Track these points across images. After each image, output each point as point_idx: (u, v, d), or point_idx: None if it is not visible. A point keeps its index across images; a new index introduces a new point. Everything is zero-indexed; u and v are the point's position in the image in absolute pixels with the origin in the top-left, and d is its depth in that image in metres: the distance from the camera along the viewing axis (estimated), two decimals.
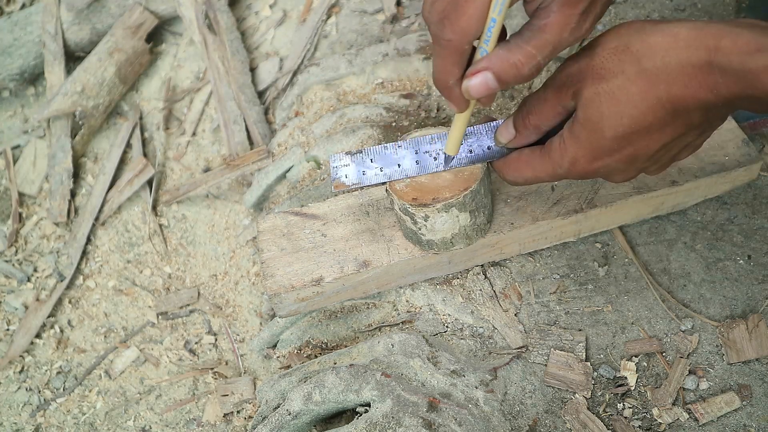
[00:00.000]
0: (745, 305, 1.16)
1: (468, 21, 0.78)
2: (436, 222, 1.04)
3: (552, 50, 0.80)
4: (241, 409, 1.30)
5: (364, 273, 1.13)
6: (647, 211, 1.21)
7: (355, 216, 1.18)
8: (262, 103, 1.63)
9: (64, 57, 1.71)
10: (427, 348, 1.12)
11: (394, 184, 1.05)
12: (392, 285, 1.18)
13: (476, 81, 0.82)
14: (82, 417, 1.37)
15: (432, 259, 1.13)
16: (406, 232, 1.11)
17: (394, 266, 1.13)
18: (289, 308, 1.16)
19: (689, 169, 1.19)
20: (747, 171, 1.21)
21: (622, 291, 1.19)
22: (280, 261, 1.15)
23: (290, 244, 1.16)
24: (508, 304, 1.18)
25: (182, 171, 1.63)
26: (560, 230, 1.18)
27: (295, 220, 1.19)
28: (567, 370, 1.11)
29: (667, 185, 1.17)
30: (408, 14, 1.60)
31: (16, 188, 1.65)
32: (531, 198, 1.17)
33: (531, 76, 0.82)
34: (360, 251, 1.14)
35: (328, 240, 1.16)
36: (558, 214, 1.15)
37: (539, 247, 1.21)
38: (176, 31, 1.83)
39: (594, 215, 1.17)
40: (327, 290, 1.14)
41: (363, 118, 1.41)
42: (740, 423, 1.06)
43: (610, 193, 1.17)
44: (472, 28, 0.79)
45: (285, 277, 1.13)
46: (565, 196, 1.17)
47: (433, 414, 1.03)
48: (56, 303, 1.49)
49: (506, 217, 1.15)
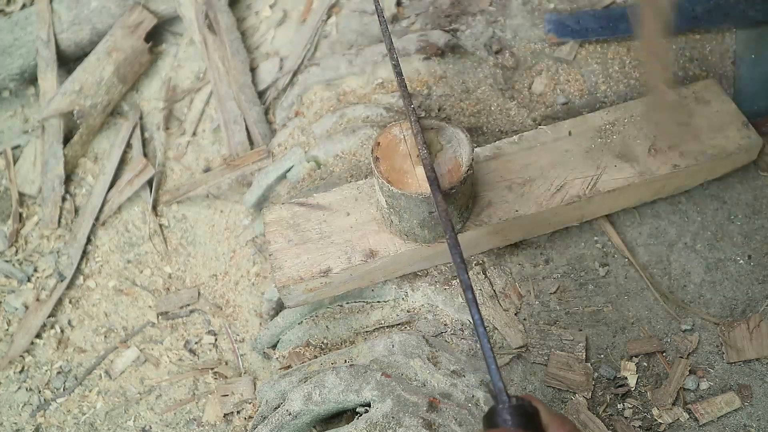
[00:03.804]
0: (745, 305, 1.16)
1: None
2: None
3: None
4: (241, 409, 1.30)
5: (371, 263, 1.13)
6: (648, 194, 1.22)
7: (360, 206, 1.18)
8: (262, 103, 1.63)
9: (56, 63, 1.71)
10: (427, 348, 1.12)
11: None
12: (399, 273, 1.19)
13: None
14: (82, 417, 1.37)
15: (438, 247, 1.14)
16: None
17: (401, 255, 1.13)
18: (297, 299, 1.17)
19: (690, 152, 1.19)
20: (747, 153, 1.22)
21: (622, 291, 1.19)
22: (288, 253, 1.15)
23: (297, 236, 1.17)
24: (508, 303, 1.18)
25: (182, 171, 1.63)
26: (563, 215, 1.18)
27: (301, 211, 1.19)
28: (567, 371, 1.11)
29: (669, 168, 1.17)
30: (408, 14, 1.60)
31: (16, 188, 1.65)
32: (535, 183, 1.18)
33: None
34: (367, 241, 1.14)
35: (334, 230, 1.16)
36: (561, 199, 1.16)
37: (543, 233, 1.21)
38: (176, 31, 1.83)
39: (596, 200, 1.17)
40: (335, 281, 1.14)
41: (363, 118, 1.41)
42: (740, 423, 1.06)
43: (613, 177, 1.17)
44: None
45: (293, 268, 1.13)
46: (568, 181, 1.17)
47: (434, 414, 1.03)
48: (56, 303, 1.49)
49: (510, 204, 1.16)
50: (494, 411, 0.77)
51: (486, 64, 1.46)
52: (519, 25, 1.50)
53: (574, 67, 1.43)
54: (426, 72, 1.46)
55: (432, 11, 1.57)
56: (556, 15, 1.49)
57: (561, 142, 1.23)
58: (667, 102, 1.24)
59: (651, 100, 1.25)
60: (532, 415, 0.77)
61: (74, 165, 1.68)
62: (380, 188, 1.07)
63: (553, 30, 1.46)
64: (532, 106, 1.39)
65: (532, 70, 1.45)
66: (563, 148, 1.22)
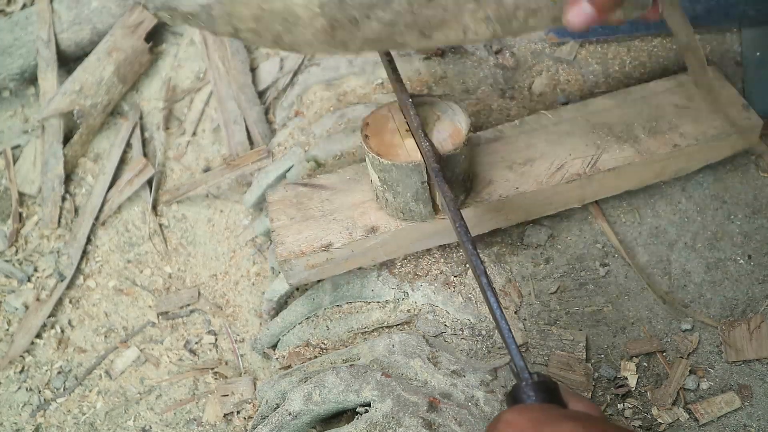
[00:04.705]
0: (745, 305, 1.16)
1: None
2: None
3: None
4: (241, 409, 1.30)
5: (372, 238, 1.13)
6: (650, 176, 1.22)
7: (362, 184, 1.19)
8: (262, 103, 1.63)
9: (57, 63, 1.71)
10: (427, 348, 1.12)
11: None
12: (401, 252, 1.19)
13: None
14: (83, 417, 1.37)
15: (439, 224, 1.14)
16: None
17: (401, 231, 1.14)
18: (299, 276, 1.17)
19: (690, 133, 1.20)
20: (747, 136, 1.22)
21: (622, 291, 1.19)
22: (290, 229, 1.16)
23: (300, 213, 1.18)
24: (508, 301, 1.18)
25: (182, 171, 1.63)
26: (565, 195, 1.19)
27: (304, 191, 1.21)
28: (567, 371, 1.11)
29: (669, 148, 1.18)
30: None
31: (16, 188, 1.65)
32: (535, 163, 1.19)
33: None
34: (368, 218, 1.15)
35: (336, 208, 1.18)
36: (562, 177, 1.16)
37: (545, 214, 1.21)
38: (176, 31, 1.83)
39: (597, 179, 1.18)
40: (336, 256, 1.15)
41: (363, 118, 1.41)
42: (740, 423, 1.06)
43: (613, 157, 1.18)
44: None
45: (295, 243, 1.14)
46: (568, 161, 1.18)
47: (434, 414, 1.03)
48: (56, 303, 1.49)
49: (511, 183, 1.16)
50: (518, 388, 0.80)
51: (486, 64, 1.46)
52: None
53: (574, 67, 1.43)
54: (426, 72, 1.46)
55: None
56: None
57: (562, 125, 1.24)
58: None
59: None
60: (553, 390, 0.80)
61: (74, 165, 1.68)
62: (372, 164, 1.08)
63: (554, 30, 1.46)
64: (532, 106, 1.39)
65: (532, 70, 1.45)
66: (564, 130, 1.24)
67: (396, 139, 1.08)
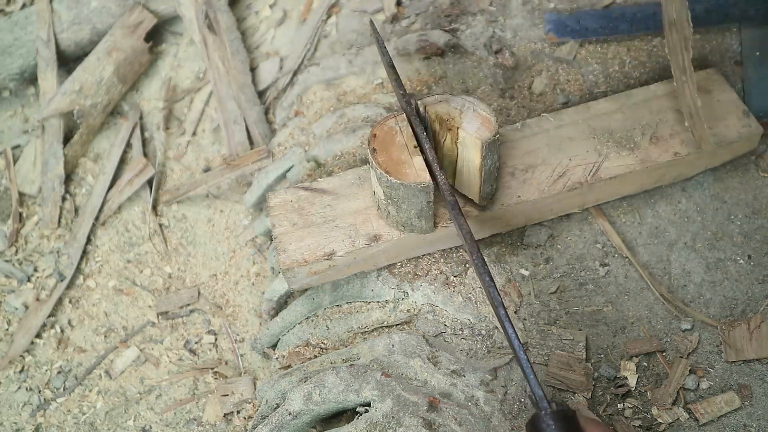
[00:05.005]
0: (745, 305, 1.16)
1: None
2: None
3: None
4: (241, 408, 1.30)
5: (375, 246, 1.13)
6: (650, 182, 1.23)
7: (364, 190, 1.19)
8: (262, 103, 1.63)
9: (56, 63, 1.71)
10: (427, 348, 1.12)
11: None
12: (402, 257, 1.19)
13: None
14: (82, 417, 1.37)
15: (442, 231, 1.14)
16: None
17: (404, 239, 1.14)
18: (302, 282, 1.17)
19: (691, 140, 1.20)
20: (747, 141, 1.22)
21: (622, 291, 1.19)
22: (292, 236, 1.16)
23: (301, 219, 1.18)
24: (508, 301, 1.18)
25: (182, 171, 1.63)
26: (566, 202, 1.19)
27: (306, 195, 1.20)
28: (567, 370, 1.11)
29: (670, 156, 1.18)
30: (408, 14, 1.60)
31: (16, 188, 1.65)
32: (537, 170, 1.18)
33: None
34: (370, 225, 1.15)
35: (338, 214, 1.17)
36: (563, 185, 1.16)
37: (544, 219, 1.21)
38: (176, 30, 1.83)
39: (598, 187, 1.18)
40: (339, 264, 1.15)
41: (363, 118, 1.41)
42: (740, 423, 1.06)
43: (615, 165, 1.18)
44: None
45: (297, 251, 1.14)
46: (570, 168, 1.18)
47: (434, 414, 1.03)
48: (56, 303, 1.49)
49: (512, 190, 1.16)
50: (538, 417, 0.84)
51: (486, 64, 1.46)
52: (519, 25, 1.50)
53: (574, 67, 1.43)
54: (426, 72, 1.46)
55: (432, 11, 1.57)
56: (556, 15, 1.49)
57: (563, 129, 1.24)
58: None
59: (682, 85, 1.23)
60: (571, 417, 0.83)
61: (74, 165, 1.68)
62: (378, 179, 1.08)
63: (553, 30, 1.46)
64: (532, 106, 1.39)
65: (532, 70, 1.45)
66: (565, 134, 1.23)
67: (404, 156, 1.07)
